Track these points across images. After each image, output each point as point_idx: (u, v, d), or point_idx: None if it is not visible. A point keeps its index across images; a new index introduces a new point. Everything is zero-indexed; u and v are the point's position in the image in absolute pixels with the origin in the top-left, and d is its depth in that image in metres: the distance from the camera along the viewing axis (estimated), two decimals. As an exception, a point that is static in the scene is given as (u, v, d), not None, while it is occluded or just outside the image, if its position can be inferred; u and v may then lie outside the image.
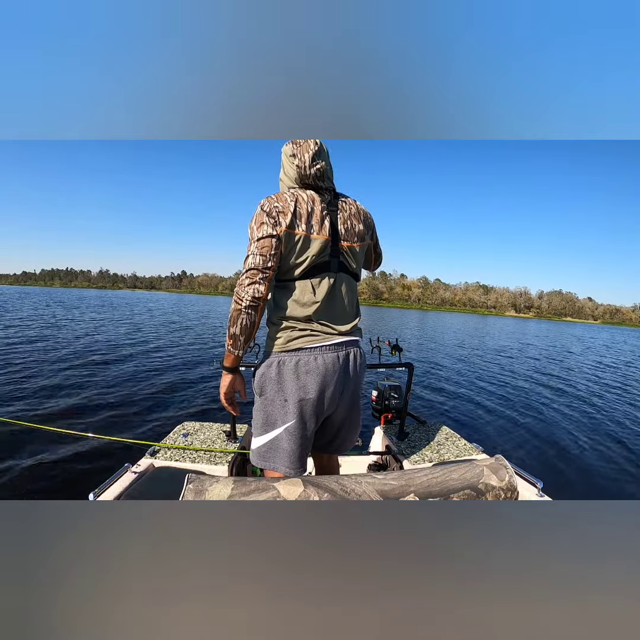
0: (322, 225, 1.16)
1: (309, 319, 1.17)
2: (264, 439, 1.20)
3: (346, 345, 1.21)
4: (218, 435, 1.90)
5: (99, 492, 1.28)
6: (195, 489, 0.75)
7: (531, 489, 1.36)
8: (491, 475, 0.88)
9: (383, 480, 0.83)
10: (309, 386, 1.14)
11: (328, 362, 1.16)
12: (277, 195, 1.16)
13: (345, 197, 1.28)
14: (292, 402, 1.15)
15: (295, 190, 1.17)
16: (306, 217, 1.14)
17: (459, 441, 1.96)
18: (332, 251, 1.18)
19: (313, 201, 1.16)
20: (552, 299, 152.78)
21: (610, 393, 7.21)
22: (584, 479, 3.34)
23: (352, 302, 1.27)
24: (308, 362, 1.14)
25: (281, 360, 1.16)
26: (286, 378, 1.15)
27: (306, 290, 1.17)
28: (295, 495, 0.76)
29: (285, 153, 1.21)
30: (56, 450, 3.14)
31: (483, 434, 4.39)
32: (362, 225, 1.26)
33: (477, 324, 35.83)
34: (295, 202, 1.13)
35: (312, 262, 1.16)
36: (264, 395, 1.19)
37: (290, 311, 1.16)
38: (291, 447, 1.17)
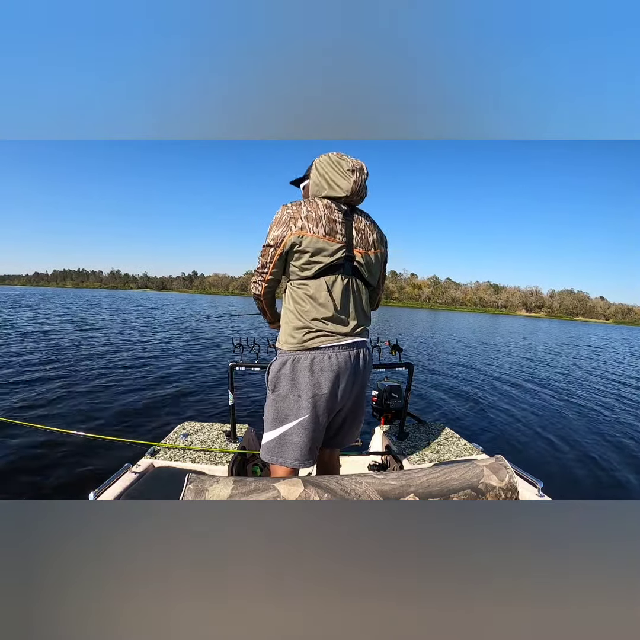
0: (337, 230, 1.21)
1: (324, 319, 1.22)
2: (274, 433, 1.26)
3: (356, 346, 1.28)
4: (218, 436, 1.90)
5: (99, 492, 1.28)
6: (195, 489, 0.76)
7: (531, 489, 1.36)
8: (491, 475, 0.88)
9: (383, 480, 0.83)
10: (322, 382, 1.21)
11: (341, 361, 1.22)
12: (295, 202, 1.23)
13: (361, 210, 1.34)
14: (305, 398, 1.20)
15: (314, 199, 1.24)
16: (319, 222, 1.19)
17: (459, 441, 1.96)
18: (347, 256, 1.24)
19: (329, 208, 1.22)
20: (563, 298, 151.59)
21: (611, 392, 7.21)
22: (584, 479, 3.34)
23: (363, 305, 1.33)
24: (322, 360, 1.21)
25: (296, 358, 1.22)
26: (300, 375, 1.21)
27: (321, 290, 1.22)
28: (295, 495, 0.76)
29: (324, 163, 1.26)
30: (56, 450, 3.14)
31: (483, 434, 4.39)
32: (375, 235, 1.32)
33: (487, 324, 35.34)
34: (310, 208, 1.20)
35: (326, 264, 1.21)
36: (277, 391, 1.25)
37: (305, 311, 1.23)
38: (303, 440, 1.22)
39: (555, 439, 4.30)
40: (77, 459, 3.02)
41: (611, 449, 4.12)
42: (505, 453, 1.00)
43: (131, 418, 4.16)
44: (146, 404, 4.66)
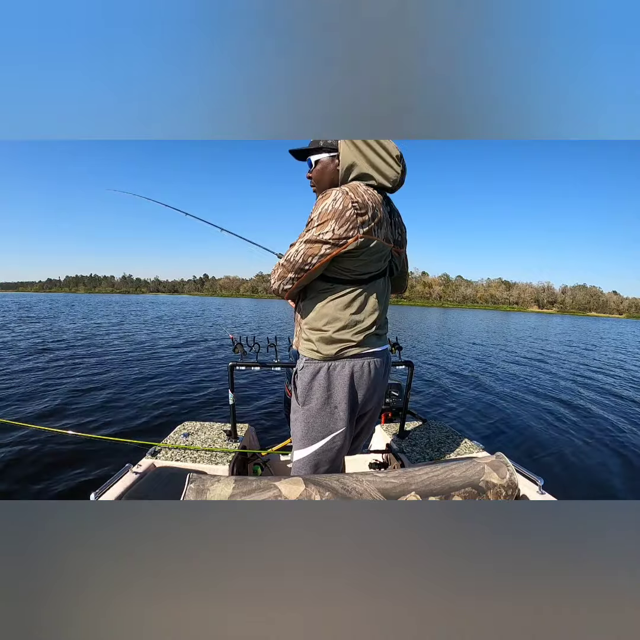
0: (388, 232, 1.11)
1: (369, 326, 1.13)
2: (307, 451, 1.16)
3: (385, 351, 1.22)
4: (219, 435, 1.90)
5: (100, 492, 1.28)
6: (196, 489, 0.76)
7: (532, 487, 1.36)
8: (492, 473, 0.88)
9: (384, 479, 0.83)
10: (360, 391, 1.13)
11: (378, 367, 1.16)
12: (353, 189, 1.00)
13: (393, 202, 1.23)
14: (342, 409, 1.11)
15: (368, 188, 1.04)
16: (383, 223, 1.06)
17: (459, 439, 1.96)
18: (391, 256, 1.17)
19: (385, 206, 1.09)
20: (575, 294, 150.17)
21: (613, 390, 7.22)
22: (584, 476, 3.34)
23: (388, 305, 1.27)
24: (362, 367, 1.12)
25: (331, 366, 1.11)
26: (337, 384, 1.11)
27: (371, 297, 1.12)
28: (296, 494, 0.76)
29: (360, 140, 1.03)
30: (57, 451, 3.14)
31: (484, 431, 4.40)
32: (404, 230, 1.25)
33: (497, 322, 34.73)
34: (374, 203, 1.02)
35: (378, 269, 1.12)
36: (308, 404, 1.13)
37: (350, 317, 1.10)
38: (335, 454, 1.16)
39: (556, 437, 4.30)
40: (77, 460, 3.02)
41: (613, 446, 4.12)
42: (505, 451, 1.00)
43: (132, 418, 4.16)
44: (146, 404, 4.66)
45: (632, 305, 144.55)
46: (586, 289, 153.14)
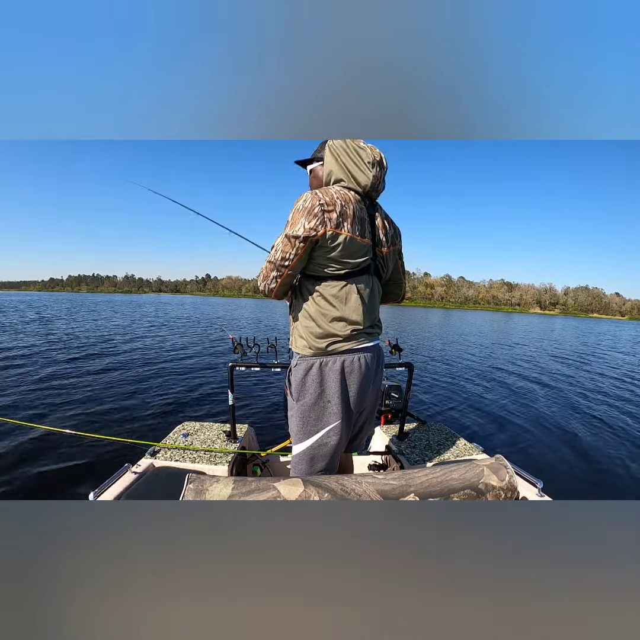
0: (365, 229, 1.15)
1: (354, 322, 1.16)
2: (303, 445, 1.19)
3: (376, 346, 1.26)
4: (218, 435, 1.90)
5: (99, 492, 1.28)
6: (195, 489, 0.76)
7: (531, 489, 1.36)
8: (491, 475, 0.88)
9: (383, 480, 0.83)
10: (352, 386, 1.17)
11: (369, 362, 1.19)
12: (323, 190, 1.10)
13: (378, 204, 1.27)
14: (335, 403, 1.15)
15: (341, 189, 1.13)
16: (352, 219, 1.10)
17: (459, 441, 1.96)
18: (373, 255, 1.19)
19: (358, 202, 1.14)
20: (578, 295, 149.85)
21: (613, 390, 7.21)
22: (584, 479, 3.34)
23: (379, 304, 1.31)
24: (352, 362, 1.16)
25: (323, 362, 1.15)
26: (329, 379, 1.15)
27: (352, 292, 1.16)
28: (295, 495, 0.76)
29: (340, 149, 1.15)
30: (57, 450, 3.14)
31: (483, 433, 4.39)
32: (393, 231, 1.28)
33: (499, 323, 34.45)
34: (343, 201, 1.09)
35: (356, 265, 1.15)
36: (302, 399, 1.17)
37: (333, 313, 1.15)
38: (332, 449, 1.18)
39: (555, 439, 4.29)
40: (77, 459, 3.02)
41: (612, 448, 4.12)
42: (505, 453, 1.00)
43: (131, 418, 4.16)
44: (146, 404, 4.66)
45: (635, 307, 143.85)
46: (588, 291, 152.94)
